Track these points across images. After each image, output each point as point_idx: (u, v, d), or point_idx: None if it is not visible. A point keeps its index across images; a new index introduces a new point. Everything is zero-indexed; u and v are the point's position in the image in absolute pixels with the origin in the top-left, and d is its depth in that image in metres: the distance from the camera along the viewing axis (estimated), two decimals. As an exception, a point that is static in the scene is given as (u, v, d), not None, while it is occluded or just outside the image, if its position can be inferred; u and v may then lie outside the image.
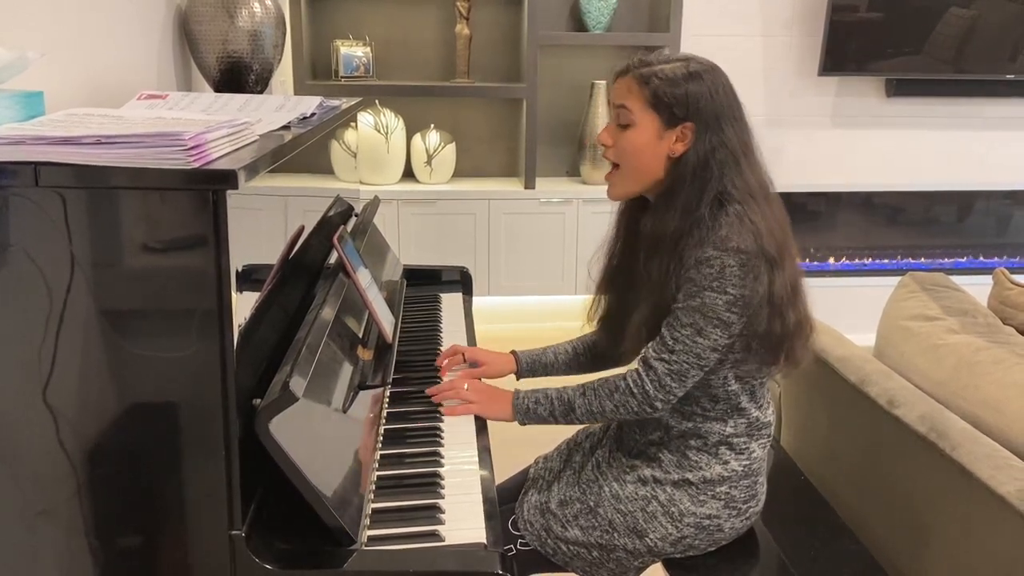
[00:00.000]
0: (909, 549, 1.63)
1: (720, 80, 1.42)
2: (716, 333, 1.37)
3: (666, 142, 1.41)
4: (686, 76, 1.40)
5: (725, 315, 1.36)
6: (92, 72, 1.64)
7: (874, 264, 4.17)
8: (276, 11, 2.02)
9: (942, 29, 3.65)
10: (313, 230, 1.60)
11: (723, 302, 1.35)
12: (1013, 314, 1.99)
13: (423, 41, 3.63)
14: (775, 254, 1.37)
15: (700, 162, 1.39)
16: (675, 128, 1.40)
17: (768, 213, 1.40)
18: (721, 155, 1.39)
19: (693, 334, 1.38)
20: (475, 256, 3.52)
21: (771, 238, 1.37)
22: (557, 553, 1.53)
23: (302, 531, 1.13)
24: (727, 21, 3.67)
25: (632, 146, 1.43)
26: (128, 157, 0.98)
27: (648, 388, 1.42)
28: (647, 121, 1.42)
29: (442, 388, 1.56)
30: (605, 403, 1.46)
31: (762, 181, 1.44)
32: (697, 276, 1.36)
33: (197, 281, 1.01)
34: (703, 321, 1.37)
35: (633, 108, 1.42)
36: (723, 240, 1.35)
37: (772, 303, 1.38)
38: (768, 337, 1.40)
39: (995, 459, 1.43)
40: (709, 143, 1.39)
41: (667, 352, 1.40)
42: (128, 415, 1.06)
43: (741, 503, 1.50)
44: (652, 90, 1.40)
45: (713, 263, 1.35)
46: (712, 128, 1.39)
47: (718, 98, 1.40)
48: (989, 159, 3.98)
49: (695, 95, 1.39)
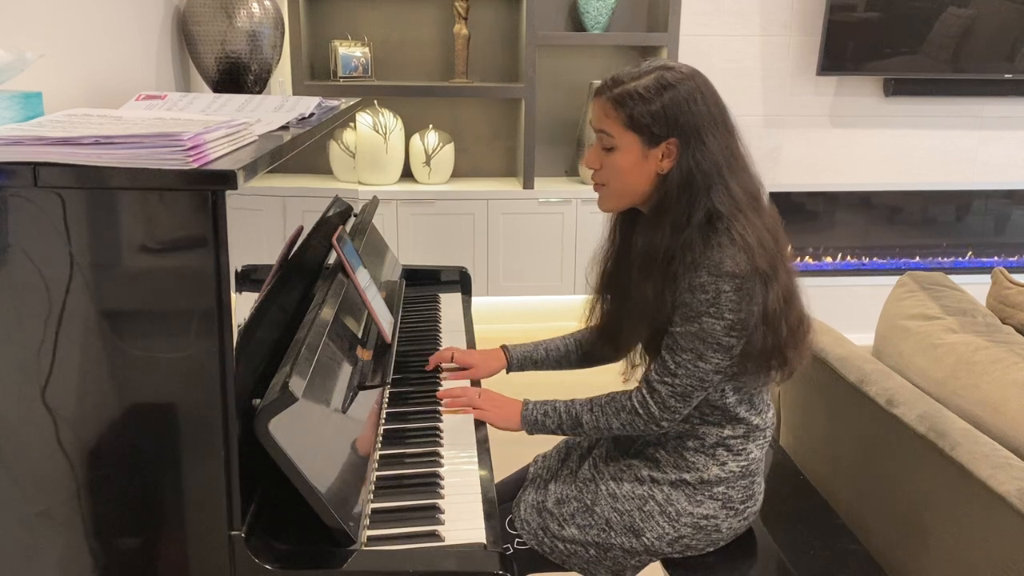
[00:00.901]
0: (908, 548, 1.63)
1: (698, 86, 1.39)
2: (717, 357, 1.38)
3: (652, 161, 1.40)
4: (659, 89, 1.37)
5: (724, 340, 1.36)
6: (91, 73, 1.64)
7: (872, 263, 4.17)
8: (274, 12, 2.02)
9: (940, 29, 3.65)
10: (312, 230, 1.60)
11: (721, 327, 1.35)
12: (1012, 313, 1.99)
13: (421, 41, 3.63)
14: (767, 268, 1.36)
15: (685, 177, 1.37)
16: (659, 146, 1.38)
17: (758, 223, 1.38)
18: (705, 167, 1.37)
19: (694, 359, 1.38)
20: (474, 256, 3.52)
21: (763, 251, 1.36)
22: (554, 552, 1.53)
23: (301, 531, 1.13)
24: (726, 21, 3.68)
25: (618, 169, 1.42)
26: (127, 157, 0.98)
27: (653, 410, 1.43)
28: (629, 143, 1.40)
29: (454, 393, 1.58)
30: (612, 421, 1.48)
31: (750, 189, 1.41)
32: (693, 301, 1.36)
33: (196, 281, 1.01)
34: (703, 347, 1.37)
35: (613, 132, 1.40)
36: (717, 265, 1.34)
37: (765, 318, 1.38)
38: (761, 352, 1.41)
39: (994, 458, 1.43)
40: (692, 157, 1.37)
41: (669, 376, 1.41)
42: (127, 415, 1.06)
43: (739, 503, 1.50)
44: (627, 112, 1.38)
45: (708, 288, 1.34)
46: (693, 141, 1.37)
47: (696, 107, 1.37)
48: (987, 158, 3.98)
49: (671, 108, 1.36)
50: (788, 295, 1.42)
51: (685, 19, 3.55)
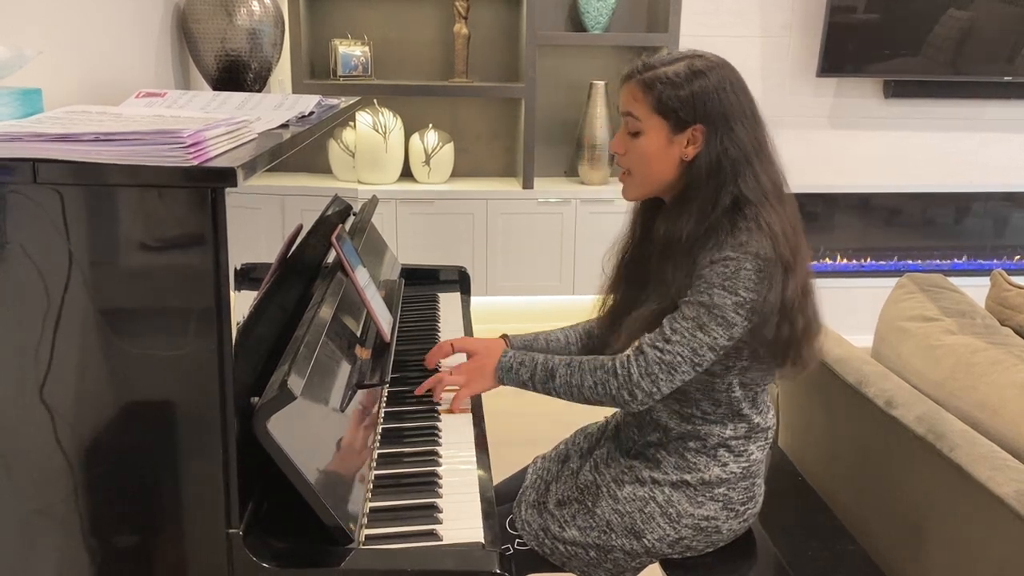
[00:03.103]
0: (907, 550, 1.63)
1: (727, 76, 1.39)
2: (717, 332, 1.35)
3: (677, 147, 1.40)
4: (689, 76, 1.37)
5: (731, 315, 1.34)
6: (90, 69, 1.64)
7: (872, 265, 4.17)
8: (275, 10, 2.02)
9: (940, 31, 3.65)
10: (311, 229, 1.60)
11: (732, 302, 1.34)
12: (1011, 315, 1.99)
13: (421, 41, 3.62)
14: (790, 258, 1.35)
15: (712, 164, 1.37)
16: (684, 132, 1.38)
17: (783, 214, 1.38)
18: (733, 155, 1.37)
19: (694, 328, 1.35)
20: (473, 256, 3.52)
21: (786, 241, 1.35)
22: (555, 553, 1.53)
23: (299, 530, 1.13)
24: (726, 21, 3.68)
25: (643, 154, 1.41)
26: (126, 154, 0.97)
27: (633, 372, 1.38)
28: (655, 128, 1.39)
29: (427, 385, 1.56)
30: (586, 378, 1.42)
31: (776, 181, 1.41)
32: (709, 274, 1.35)
33: (195, 279, 1.01)
34: (707, 316, 1.35)
35: (640, 115, 1.40)
36: (742, 244, 1.33)
37: (783, 308, 1.36)
38: (776, 342, 1.39)
39: (993, 460, 1.43)
40: (720, 144, 1.37)
41: (662, 340, 1.37)
42: (126, 413, 1.05)
43: (739, 505, 1.50)
44: (656, 96, 1.38)
45: (729, 263, 1.33)
46: (721, 128, 1.37)
47: (725, 96, 1.37)
48: (987, 160, 3.98)
49: (700, 95, 1.36)
50: (806, 289, 1.41)
51: (685, 19, 3.55)
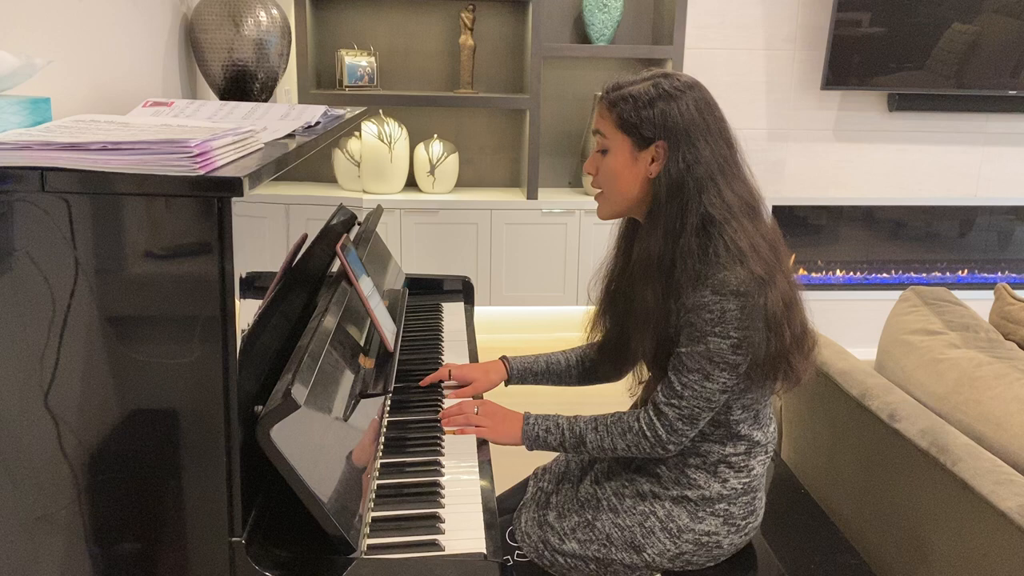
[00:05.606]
0: (909, 564, 1.62)
1: (693, 95, 1.40)
2: (724, 376, 1.37)
3: (641, 164, 1.41)
4: (654, 96, 1.39)
5: (731, 358, 1.36)
6: (98, 79, 1.65)
7: (875, 278, 4.17)
8: (282, 20, 2.03)
9: (944, 45, 3.66)
10: (316, 238, 1.60)
11: (728, 346, 1.35)
12: (1014, 329, 1.99)
13: (427, 51, 3.64)
14: (763, 274, 1.35)
15: (674, 181, 1.38)
16: (648, 148, 1.40)
17: (752, 231, 1.38)
18: (697, 172, 1.37)
19: (701, 379, 1.38)
20: (477, 266, 3.52)
21: (757, 257, 1.36)
22: (554, 565, 1.53)
23: (302, 539, 1.13)
24: (730, 34, 3.69)
25: (611, 171, 1.44)
26: (134, 163, 0.98)
27: (660, 433, 1.42)
28: (620, 144, 1.42)
29: (451, 412, 1.56)
30: (617, 442, 1.46)
31: (745, 197, 1.41)
32: (698, 321, 1.36)
33: (201, 288, 1.02)
34: (710, 366, 1.37)
35: (607, 132, 1.43)
36: (721, 284, 1.34)
37: (767, 322, 1.37)
38: (765, 358, 1.39)
39: (996, 474, 1.42)
40: (683, 161, 1.38)
41: (676, 398, 1.40)
42: (130, 421, 1.06)
43: (740, 519, 1.50)
44: (618, 113, 1.41)
45: (712, 308, 1.34)
46: (684, 145, 1.38)
47: (689, 115, 1.38)
48: (991, 174, 3.99)
49: (662, 113, 1.38)
50: (788, 301, 1.41)
51: (690, 32, 3.56)
